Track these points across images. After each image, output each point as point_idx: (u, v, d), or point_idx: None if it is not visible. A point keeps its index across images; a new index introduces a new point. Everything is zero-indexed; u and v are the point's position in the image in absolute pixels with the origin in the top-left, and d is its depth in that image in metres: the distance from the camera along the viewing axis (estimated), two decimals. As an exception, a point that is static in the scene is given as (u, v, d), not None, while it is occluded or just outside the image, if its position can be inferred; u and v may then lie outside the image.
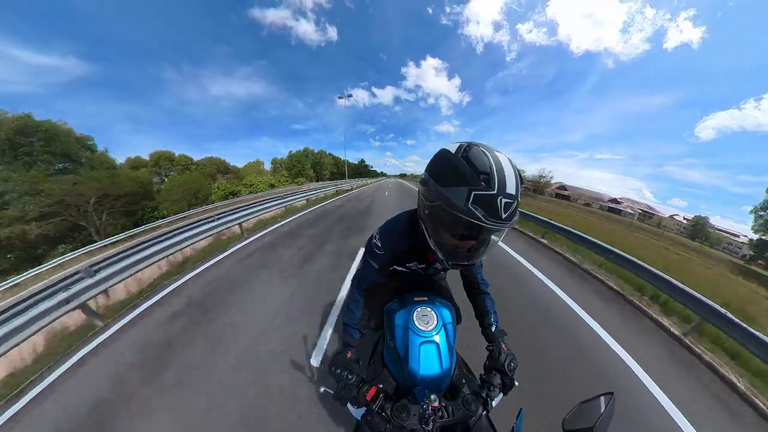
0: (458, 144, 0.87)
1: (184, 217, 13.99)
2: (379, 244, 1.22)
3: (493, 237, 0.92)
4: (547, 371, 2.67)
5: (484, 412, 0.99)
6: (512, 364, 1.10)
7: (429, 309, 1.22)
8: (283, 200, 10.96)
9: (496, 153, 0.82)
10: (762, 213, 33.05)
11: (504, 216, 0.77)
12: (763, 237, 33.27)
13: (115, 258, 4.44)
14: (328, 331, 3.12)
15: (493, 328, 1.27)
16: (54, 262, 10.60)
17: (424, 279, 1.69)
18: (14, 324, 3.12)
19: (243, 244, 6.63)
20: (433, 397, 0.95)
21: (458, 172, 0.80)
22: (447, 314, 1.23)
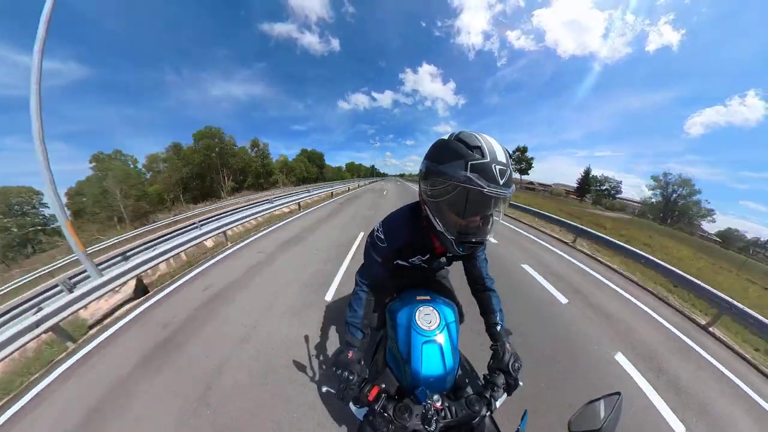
0: (450, 132, 0.98)
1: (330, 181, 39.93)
2: (382, 237, 1.21)
3: (494, 213, 0.96)
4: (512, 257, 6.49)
5: (488, 413, 0.97)
6: (517, 365, 1.08)
7: (431, 308, 1.21)
8: (367, 179, 60.34)
9: (484, 135, 0.92)
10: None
11: (501, 182, 0.84)
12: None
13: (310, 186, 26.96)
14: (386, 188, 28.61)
15: (498, 328, 1.25)
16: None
17: (427, 278, 1.68)
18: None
19: (356, 190, 25.94)
20: (435, 397, 0.93)
21: (454, 149, 0.90)
22: (450, 313, 1.22)
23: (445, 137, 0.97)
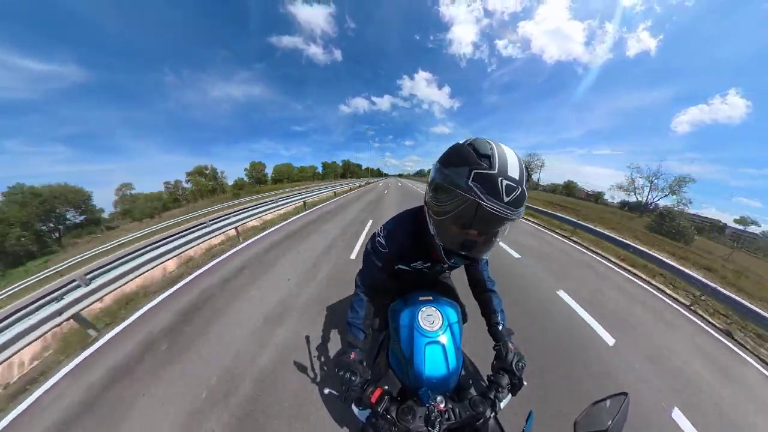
0: (465, 139, 0.92)
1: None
2: (383, 242, 1.20)
3: (498, 232, 0.88)
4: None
5: (492, 414, 0.96)
6: (520, 364, 1.07)
7: (434, 308, 1.20)
8: (378, 177, 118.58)
9: (501, 144, 0.85)
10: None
11: (506, 199, 0.76)
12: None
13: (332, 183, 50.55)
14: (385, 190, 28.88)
15: (500, 327, 1.25)
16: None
17: (429, 278, 1.67)
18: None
19: (366, 187, 34.42)
20: (439, 398, 0.92)
21: (462, 154, 0.85)
22: (452, 314, 1.21)
23: (461, 141, 0.92)
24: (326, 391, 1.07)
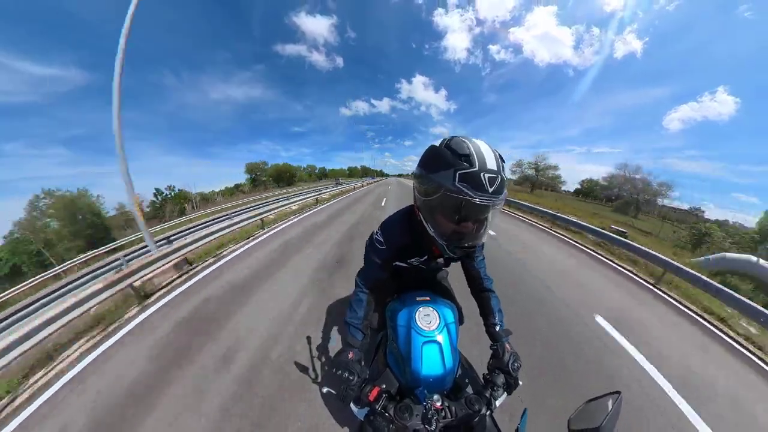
0: (442, 138, 0.98)
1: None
2: (381, 239, 1.24)
3: (488, 216, 0.95)
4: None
5: (488, 412, 0.97)
6: (516, 364, 1.09)
7: (431, 308, 1.21)
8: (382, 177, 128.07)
9: (474, 139, 0.92)
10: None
11: (491, 190, 0.84)
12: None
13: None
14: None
15: (498, 327, 1.26)
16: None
17: (427, 278, 1.68)
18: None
19: (371, 185, 41.21)
20: (435, 397, 0.94)
21: (443, 158, 0.90)
22: (449, 314, 1.22)
23: (437, 143, 0.97)
24: (325, 390, 1.08)
